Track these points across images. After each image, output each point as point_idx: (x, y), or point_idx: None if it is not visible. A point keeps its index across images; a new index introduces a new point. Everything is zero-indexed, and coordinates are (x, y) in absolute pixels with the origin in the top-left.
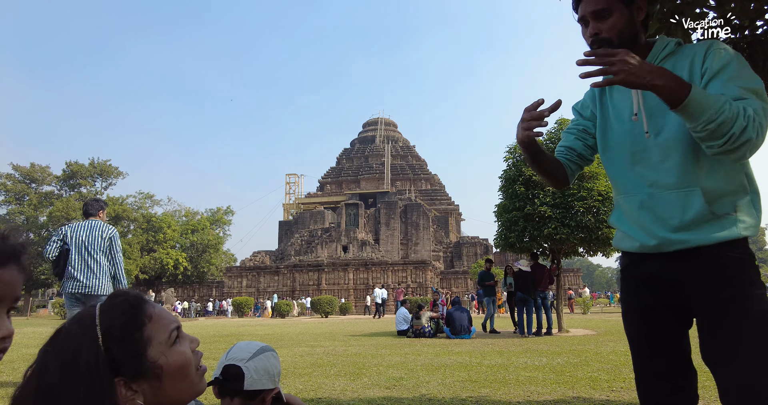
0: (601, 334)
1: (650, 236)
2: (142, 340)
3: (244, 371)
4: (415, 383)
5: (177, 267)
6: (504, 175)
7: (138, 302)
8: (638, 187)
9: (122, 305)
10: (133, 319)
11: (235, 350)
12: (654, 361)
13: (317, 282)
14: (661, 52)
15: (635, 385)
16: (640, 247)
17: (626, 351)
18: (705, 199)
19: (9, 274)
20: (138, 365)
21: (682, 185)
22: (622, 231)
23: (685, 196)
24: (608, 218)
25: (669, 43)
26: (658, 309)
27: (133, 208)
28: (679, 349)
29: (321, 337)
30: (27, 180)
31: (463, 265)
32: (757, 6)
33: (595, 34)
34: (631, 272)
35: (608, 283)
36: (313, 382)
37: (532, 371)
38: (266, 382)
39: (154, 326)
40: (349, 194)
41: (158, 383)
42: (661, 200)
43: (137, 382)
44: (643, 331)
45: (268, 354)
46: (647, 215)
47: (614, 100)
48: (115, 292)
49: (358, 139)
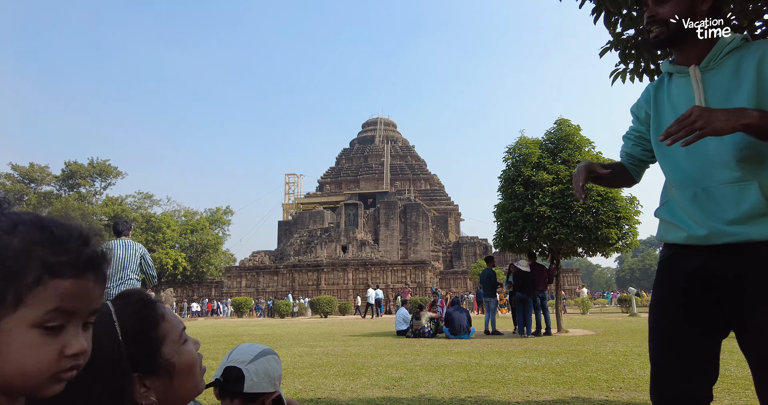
0: (600, 335)
1: (700, 226)
2: (157, 337)
3: (244, 373)
4: (414, 383)
5: (176, 267)
6: (503, 176)
7: (151, 301)
8: (693, 180)
9: (138, 304)
10: (149, 317)
11: (237, 352)
12: (677, 356)
13: (316, 282)
14: (726, 45)
15: (649, 380)
16: (688, 237)
17: (625, 351)
18: (762, 193)
19: (85, 284)
20: (153, 362)
21: (739, 179)
22: (670, 221)
23: (741, 190)
24: (655, 211)
25: (735, 38)
26: (693, 305)
27: (132, 208)
28: (704, 347)
29: (320, 337)
30: (26, 180)
31: (462, 265)
32: (755, 7)
33: (651, 17)
34: (672, 264)
35: (607, 283)
36: (312, 382)
37: (531, 371)
38: (266, 385)
39: (167, 325)
40: (348, 194)
41: (169, 381)
42: (716, 193)
43: (150, 379)
44: (671, 325)
45: (270, 357)
46: (700, 207)
47: (672, 95)
48: (127, 291)
49: (358, 139)
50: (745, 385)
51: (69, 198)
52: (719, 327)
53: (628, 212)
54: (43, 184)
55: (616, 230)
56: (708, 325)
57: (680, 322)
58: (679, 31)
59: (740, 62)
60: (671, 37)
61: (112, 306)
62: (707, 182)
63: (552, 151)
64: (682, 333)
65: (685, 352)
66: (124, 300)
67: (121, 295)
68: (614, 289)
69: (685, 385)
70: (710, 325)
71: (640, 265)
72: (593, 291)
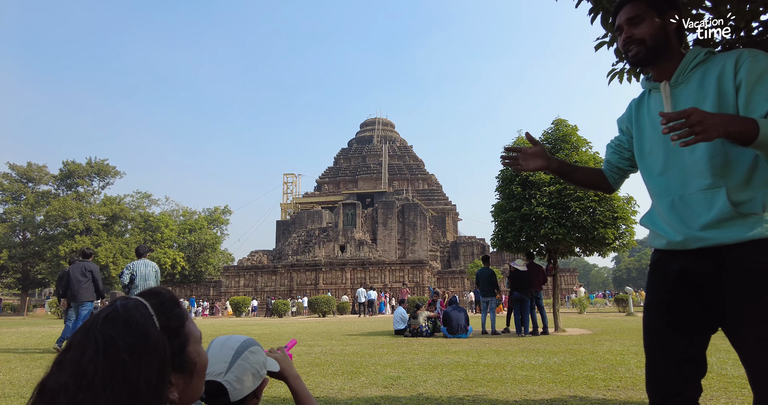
0: (598, 334)
1: (677, 233)
2: (184, 334)
3: (226, 386)
4: (412, 382)
5: (174, 266)
6: (501, 176)
7: (178, 300)
8: (670, 189)
9: (171, 301)
10: (179, 315)
11: (210, 362)
12: (668, 353)
13: (315, 281)
14: (692, 61)
15: (645, 376)
16: (668, 243)
17: (622, 350)
18: (729, 198)
19: None
20: (181, 358)
21: (710, 186)
22: (653, 230)
23: (711, 196)
24: (639, 220)
25: (700, 53)
26: (680, 304)
27: (130, 207)
28: (692, 344)
29: (318, 337)
30: (24, 179)
31: (460, 264)
32: (752, 7)
33: (628, 38)
34: (659, 267)
35: (604, 283)
36: (311, 382)
37: (528, 370)
38: (252, 384)
39: (191, 325)
40: (346, 194)
41: (189, 379)
42: (691, 201)
43: (175, 376)
44: (661, 323)
45: (246, 355)
46: (676, 215)
47: (651, 110)
48: (155, 289)
49: (356, 139)
50: (741, 384)
51: (67, 197)
52: (705, 325)
53: (625, 212)
54: (41, 183)
55: (613, 230)
56: (694, 323)
57: (669, 322)
58: (655, 49)
59: (705, 76)
60: (649, 55)
61: (146, 301)
62: (683, 191)
63: (549, 152)
64: (670, 331)
65: (673, 348)
66: (157, 297)
67: (150, 293)
68: (611, 289)
69: (675, 380)
70: (696, 323)
71: (636, 264)
72: (590, 290)
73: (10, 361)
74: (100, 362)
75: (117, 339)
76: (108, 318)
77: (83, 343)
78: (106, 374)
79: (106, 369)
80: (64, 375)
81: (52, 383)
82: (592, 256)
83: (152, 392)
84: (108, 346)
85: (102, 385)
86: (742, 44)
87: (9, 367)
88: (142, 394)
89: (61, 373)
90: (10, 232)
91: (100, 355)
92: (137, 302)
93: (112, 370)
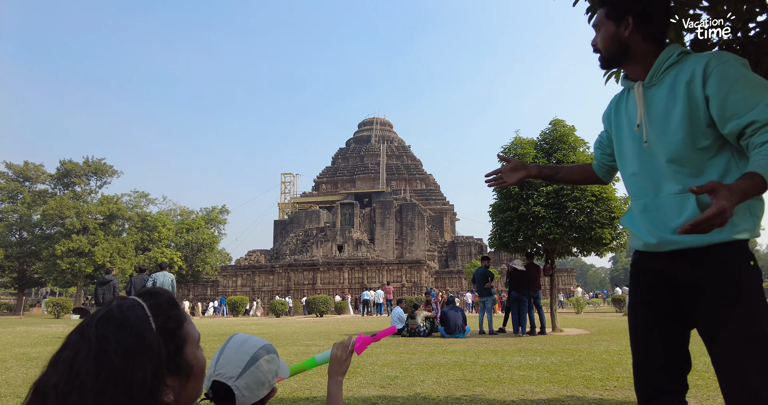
0: (595, 334)
1: (651, 235)
2: (182, 336)
3: (234, 391)
4: (409, 382)
5: (172, 266)
6: None
7: (177, 302)
8: (644, 191)
9: (168, 301)
10: (177, 317)
11: (223, 363)
12: (652, 352)
13: (312, 281)
14: (664, 62)
15: (632, 374)
16: (645, 245)
17: (619, 350)
18: (698, 204)
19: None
20: (177, 360)
21: (681, 191)
22: (631, 231)
23: (682, 200)
24: (619, 219)
25: (673, 54)
26: (659, 303)
27: (127, 206)
28: (675, 342)
29: (316, 337)
30: (20, 178)
31: (457, 264)
32: (749, 8)
33: (593, 44)
34: (639, 268)
35: (601, 283)
36: (309, 381)
37: (526, 370)
38: (260, 393)
39: (189, 327)
40: (344, 194)
41: (185, 382)
42: (663, 204)
43: (171, 378)
44: (644, 323)
45: (260, 363)
46: (649, 217)
47: (628, 109)
48: (154, 289)
49: (354, 139)
50: None
51: (64, 197)
52: (684, 323)
53: (622, 212)
54: (38, 182)
55: (610, 230)
56: (673, 321)
57: (650, 320)
58: (610, 57)
59: (676, 78)
60: (605, 62)
61: (143, 302)
62: (656, 193)
63: (547, 152)
64: (654, 331)
65: (657, 347)
66: (155, 298)
67: (149, 293)
68: (608, 289)
69: (661, 378)
70: (675, 321)
71: None
72: (587, 291)
73: (6, 361)
74: (93, 363)
75: (111, 340)
76: (103, 318)
77: (78, 343)
78: (99, 375)
79: (99, 370)
80: (57, 375)
81: (46, 383)
82: (590, 256)
83: (146, 394)
84: (102, 347)
85: (94, 386)
86: (740, 44)
87: (5, 367)
88: (135, 396)
89: (55, 373)
90: (7, 231)
91: (93, 356)
92: (134, 303)
93: (105, 371)
